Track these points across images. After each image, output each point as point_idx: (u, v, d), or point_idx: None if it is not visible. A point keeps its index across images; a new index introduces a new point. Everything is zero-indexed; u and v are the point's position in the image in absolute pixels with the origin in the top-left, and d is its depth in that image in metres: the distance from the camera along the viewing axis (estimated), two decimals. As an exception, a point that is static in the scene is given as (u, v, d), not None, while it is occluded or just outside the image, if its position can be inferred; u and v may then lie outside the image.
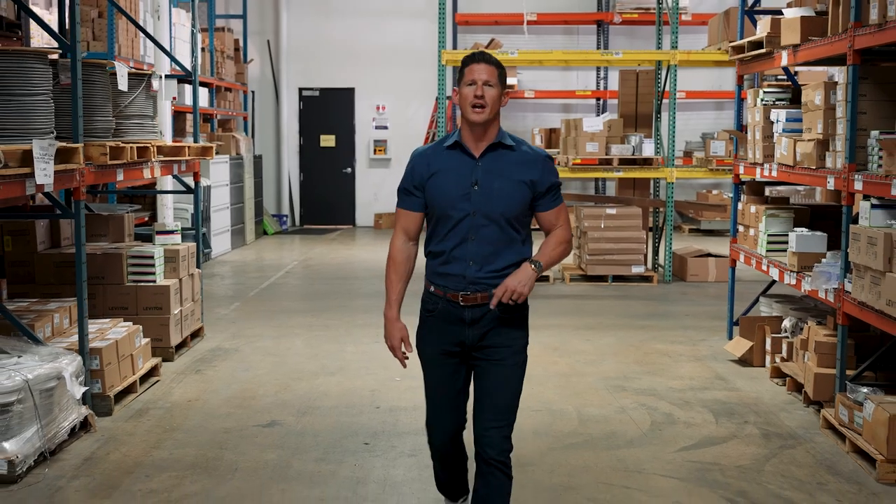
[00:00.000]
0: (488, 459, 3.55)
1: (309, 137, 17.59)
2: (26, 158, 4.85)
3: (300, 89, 17.49)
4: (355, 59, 17.24)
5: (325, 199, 17.64)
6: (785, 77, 9.36)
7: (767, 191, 8.03)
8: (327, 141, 17.59)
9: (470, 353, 3.65)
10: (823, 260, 6.05)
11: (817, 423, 5.68)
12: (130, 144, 6.18)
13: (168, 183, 10.88)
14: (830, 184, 5.78)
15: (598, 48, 17.04)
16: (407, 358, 3.71)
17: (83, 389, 5.34)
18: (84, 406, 5.43)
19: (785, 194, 8.24)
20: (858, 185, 5.37)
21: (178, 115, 12.53)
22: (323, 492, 4.62)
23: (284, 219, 17.20)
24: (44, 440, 4.93)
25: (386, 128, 17.47)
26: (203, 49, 14.21)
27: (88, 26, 11.14)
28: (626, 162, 11.09)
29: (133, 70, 7.04)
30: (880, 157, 5.20)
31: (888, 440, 4.73)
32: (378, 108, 17.46)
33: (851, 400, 5.22)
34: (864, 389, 5.25)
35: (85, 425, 5.44)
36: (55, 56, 5.99)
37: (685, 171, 11.76)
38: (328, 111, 17.50)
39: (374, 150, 17.51)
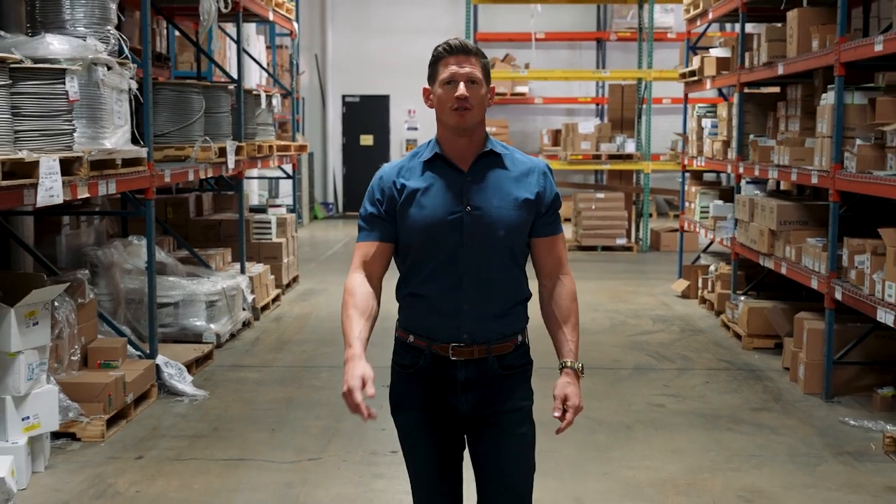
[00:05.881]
0: None
1: (350, 137, 20.68)
2: (221, 152, 7.93)
3: (343, 96, 20.58)
4: (390, 71, 20.27)
5: (365, 190, 20.58)
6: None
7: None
8: (366, 140, 20.67)
9: (464, 422, 2.92)
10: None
11: (718, 324, 8.72)
12: (266, 143, 9.26)
13: (254, 171, 13.97)
14: (729, 169, 8.81)
15: (597, 61, 20.06)
16: (370, 414, 2.66)
17: (252, 297, 8.45)
18: (246, 311, 8.52)
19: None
20: (742, 170, 8.40)
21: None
22: (406, 351, 7.70)
23: (331, 206, 20.30)
24: (231, 326, 8.01)
25: (416, 129, 20.52)
26: (267, 64, 17.28)
27: (191, 50, 14.18)
28: (612, 157, 14.14)
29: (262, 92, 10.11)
30: (752, 152, 8.24)
31: (747, 323, 7.77)
32: (409, 112, 20.51)
33: (734, 304, 8.26)
34: (742, 298, 8.28)
35: (248, 324, 8.53)
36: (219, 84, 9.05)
37: (658, 165, 14.77)
38: (367, 115, 20.59)
39: (406, 148, 20.56)
